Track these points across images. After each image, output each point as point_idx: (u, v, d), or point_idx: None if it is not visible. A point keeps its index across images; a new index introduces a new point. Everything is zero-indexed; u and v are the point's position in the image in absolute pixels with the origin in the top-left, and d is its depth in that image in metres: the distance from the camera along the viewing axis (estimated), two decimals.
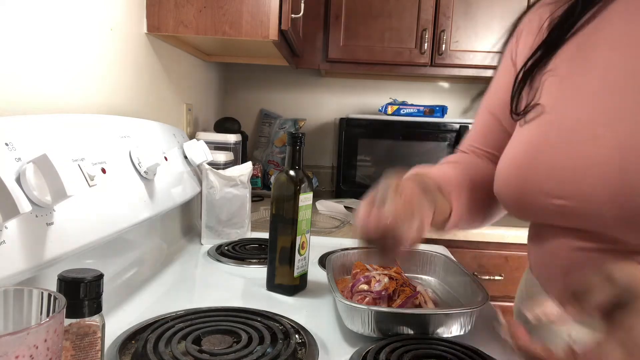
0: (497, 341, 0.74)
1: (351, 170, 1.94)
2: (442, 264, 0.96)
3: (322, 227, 1.47)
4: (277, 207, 0.86)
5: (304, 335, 0.69)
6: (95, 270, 0.51)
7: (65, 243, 0.63)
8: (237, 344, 0.64)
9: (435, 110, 1.99)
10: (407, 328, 0.70)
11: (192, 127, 1.69)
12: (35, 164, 0.57)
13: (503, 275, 1.69)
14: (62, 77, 0.86)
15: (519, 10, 1.84)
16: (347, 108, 2.25)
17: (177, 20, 1.21)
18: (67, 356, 0.49)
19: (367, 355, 0.64)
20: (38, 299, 0.43)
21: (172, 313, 0.73)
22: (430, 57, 1.87)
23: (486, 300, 0.73)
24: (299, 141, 0.86)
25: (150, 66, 1.27)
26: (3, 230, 0.53)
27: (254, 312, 0.74)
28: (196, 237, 1.22)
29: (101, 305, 0.51)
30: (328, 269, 0.84)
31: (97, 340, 0.51)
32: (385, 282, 0.79)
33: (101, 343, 0.52)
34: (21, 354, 0.35)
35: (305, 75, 2.26)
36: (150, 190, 0.91)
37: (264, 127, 2.25)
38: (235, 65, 2.22)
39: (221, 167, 1.27)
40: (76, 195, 0.66)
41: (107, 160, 0.78)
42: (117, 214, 0.77)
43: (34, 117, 0.66)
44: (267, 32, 1.21)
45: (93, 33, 0.96)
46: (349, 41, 1.88)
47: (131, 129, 0.92)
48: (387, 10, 1.86)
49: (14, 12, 0.73)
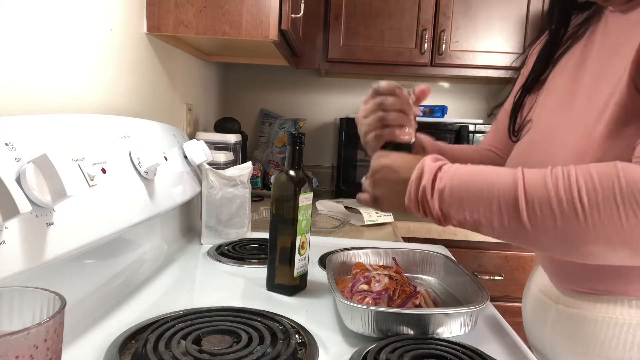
0: (497, 341, 0.74)
1: (351, 170, 1.94)
2: (442, 264, 0.96)
3: (322, 227, 1.47)
4: (277, 207, 0.86)
5: (304, 335, 0.69)
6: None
7: (65, 243, 0.63)
8: (237, 344, 0.64)
9: (435, 110, 1.99)
10: (407, 328, 0.70)
11: (192, 127, 1.69)
12: (35, 164, 0.57)
13: (503, 275, 1.69)
14: (62, 77, 0.86)
15: (519, 10, 1.86)
16: (347, 108, 2.25)
17: (177, 20, 1.21)
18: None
19: (367, 355, 0.64)
20: (38, 299, 0.43)
21: (172, 313, 0.73)
22: (430, 57, 1.87)
23: (486, 300, 0.73)
24: (299, 141, 0.86)
25: (150, 66, 1.27)
26: (3, 230, 0.53)
27: (254, 312, 0.74)
28: (196, 237, 1.22)
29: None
30: (328, 269, 0.84)
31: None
32: (385, 282, 0.79)
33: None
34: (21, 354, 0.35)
35: (305, 75, 2.26)
36: (150, 190, 0.91)
37: (264, 127, 2.25)
38: (235, 65, 2.22)
39: (221, 167, 1.27)
40: (76, 195, 0.66)
41: (107, 160, 0.78)
42: (117, 214, 0.77)
43: (34, 117, 0.66)
44: (267, 32, 1.21)
45: (93, 33, 0.96)
46: (349, 41, 1.88)
47: (131, 129, 0.92)
48: (387, 10, 1.86)
49: (14, 13, 0.73)
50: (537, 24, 1.85)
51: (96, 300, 0.77)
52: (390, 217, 1.61)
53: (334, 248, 1.08)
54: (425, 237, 1.64)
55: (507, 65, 1.87)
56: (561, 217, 0.53)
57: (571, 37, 0.76)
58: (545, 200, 0.54)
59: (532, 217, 0.55)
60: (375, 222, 1.57)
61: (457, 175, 0.62)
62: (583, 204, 0.52)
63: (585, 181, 0.52)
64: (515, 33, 1.86)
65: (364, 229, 1.54)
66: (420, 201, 0.64)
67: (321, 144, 2.29)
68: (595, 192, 0.51)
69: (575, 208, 0.52)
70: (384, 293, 0.77)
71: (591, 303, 0.68)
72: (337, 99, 2.28)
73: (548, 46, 0.79)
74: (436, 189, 0.62)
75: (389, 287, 0.78)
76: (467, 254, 1.67)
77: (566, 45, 0.76)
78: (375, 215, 1.58)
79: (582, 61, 0.72)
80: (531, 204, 0.55)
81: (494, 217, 0.58)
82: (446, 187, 0.61)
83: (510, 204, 0.56)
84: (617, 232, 0.51)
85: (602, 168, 0.53)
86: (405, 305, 0.76)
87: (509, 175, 0.57)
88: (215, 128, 1.77)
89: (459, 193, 0.60)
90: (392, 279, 0.80)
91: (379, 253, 0.97)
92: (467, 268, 0.89)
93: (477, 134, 1.88)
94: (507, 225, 0.57)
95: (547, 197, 0.54)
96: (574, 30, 0.77)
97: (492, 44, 1.87)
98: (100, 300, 0.78)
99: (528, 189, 0.55)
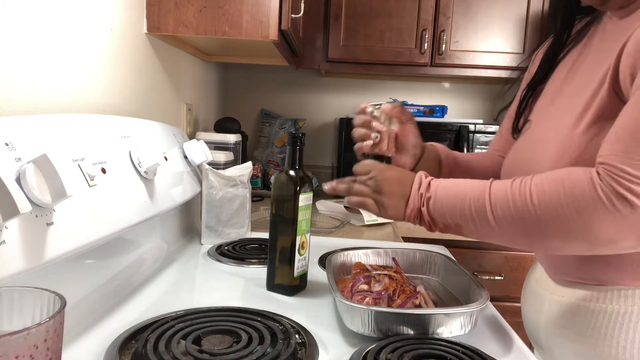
0: (497, 341, 0.74)
1: (351, 171, 1.94)
2: (442, 264, 0.96)
3: (322, 227, 1.47)
4: (277, 207, 0.86)
5: (304, 335, 0.69)
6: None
7: (65, 243, 0.63)
8: (237, 344, 0.64)
9: (435, 110, 1.99)
10: (407, 328, 0.70)
11: (192, 127, 1.69)
12: (35, 164, 0.57)
13: (503, 275, 1.69)
14: (62, 77, 0.86)
15: (519, 10, 1.86)
16: (347, 108, 2.25)
17: (177, 20, 1.21)
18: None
19: (367, 355, 0.64)
20: (38, 299, 0.43)
21: (172, 313, 0.73)
22: (430, 57, 1.87)
23: (486, 300, 0.73)
24: (299, 141, 0.86)
25: (150, 66, 1.27)
26: (3, 230, 0.53)
27: (254, 312, 0.74)
28: (196, 237, 1.22)
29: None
30: (328, 269, 0.84)
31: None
32: (385, 282, 0.79)
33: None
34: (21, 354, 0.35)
35: (305, 75, 2.26)
36: (150, 190, 0.91)
37: (264, 127, 2.25)
38: (235, 65, 2.22)
39: (221, 167, 1.27)
40: (76, 195, 0.66)
41: (107, 160, 0.78)
42: (117, 214, 0.77)
43: (34, 117, 0.66)
44: (267, 32, 1.21)
45: (93, 33, 0.96)
46: (348, 41, 1.88)
47: (131, 129, 0.92)
48: (387, 10, 1.86)
49: (15, 13, 0.73)
50: (537, 24, 1.85)
51: (96, 300, 0.77)
52: None
53: (334, 248, 1.08)
54: (425, 237, 1.64)
55: (507, 65, 1.87)
56: (518, 216, 0.63)
57: (572, 41, 0.79)
58: (505, 204, 0.64)
59: (497, 218, 0.65)
60: (375, 222, 1.57)
61: (441, 187, 0.72)
62: (534, 205, 0.62)
63: (536, 185, 0.62)
64: (515, 33, 1.86)
65: (364, 229, 1.54)
66: (417, 210, 0.73)
67: (321, 144, 2.29)
68: (543, 194, 0.61)
69: (528, 208, 0.62)
70: (384, 293, 0.77)
71: (582, 292, 0.72)
72: (337, 99, 2.28)
73: (551, 49, 0.82)
74: (425, 198, 0.72)
75: (389, 287, 0.78)
76: (467, 254, 1.67)
77: (567, 49, 0.80)
78: (375, 215, 1.58)
79: (577, 65, 0.75)
80: (494, 207, 0.65)
81: (469, 220, 0.68)
82: (431, 197, 0.71)
83: (480, 209, 0.66)
84: (566, 226, 0.60)
85: (552, 174, 0.62)
86: (405, 305, 0.76)
87: (481, 186, 0.68)
88: (215, 128, 1.77)
89: (441, 202, 0.71)
90: (392, 279, 0.80)
91: (379, 253, 0.97)
92: (467, 268, 0.89)
93: (477, 134, 1.88)
94: (480, 226, 0.67)
95: (506, 201, 0.64)
96: (576, 35, 0.79)
97: (492, 44, 1.87)
98: (100, 300, 0.78)
99: (492, 197, 0.66)
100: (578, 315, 0.72)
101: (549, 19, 0.84)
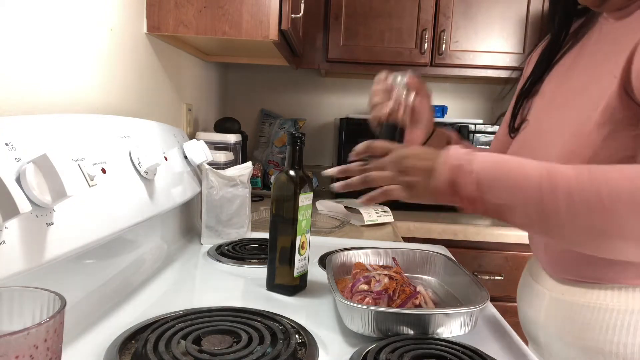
0: (497, 341, 0.74)
1: None
2: (442, 264, 0.96)
3: (322, 227, 1.47)
4: (277, 207, 0.86)
5: (304, 335, 0.69)
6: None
7: (65, 243, 0.63)
8: (237, 344, 0.64)
9: (435, 110, 1.99)
10: (407, 328, 0.70)
11: (192, 127, 1.69)
12: (35, 164, 0.57)
13: (503, 275, 1.69)
14: (62, 77, 0.86)
15: (519, 10, 1.86)
16: (347, 108, 2.25)
17: (177, 20, 1.21)
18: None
19: (367, 355, 0.64)
20: (38, 299, 0.43)
21: (172, 313, 0.73)
22: (430, 57, 1.87)
23: (486, 300, 0.73)
24: (299, 141, 0.86)
25: (150, 66, 1.27)
26: (3, 230, 0.53)
27: (254, 312, 0.74)
28: (196, 237, 1.22)
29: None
30: (328, 269, 0.84)
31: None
32: (385, 282, 0.79)
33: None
34: (21, 354, 0.35)
35: (305, 75, 2.26)
36: (150, 190, 0.91)
37: (264, 127, 2.25)
38: (235, 65, 2.22)
39: (221, 167, 1.27)
40: (76, 195, 0.66)
41: (107, 160, 0.78)
42: (117, 214, 0.77)
43: (34, 117, 0.66)
44: (267, 32, 1.21)
45: (93, 33, 0.96)
46: (348, 41, 1.88)
47: (131, 129, 0.92)
48: (387, 10, 1.86)
49: (15, 13, 0.73)
50: (537, 24, 1.85)
51: (96, 300, 0.77)
52: (390, 217, 1.61)
53: (334, 248, 1.08)
54: (425, 237, 1.64)
55: (507, 65, 1.87)
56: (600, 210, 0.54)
57: (569, 42, 0.80)
58: (584, 194, 0.55)
59: (571, 207, 0.55)
60: (375, 222, 1.57)
61: (490, 160, 0.63)
62: (611, 199, 0.53)
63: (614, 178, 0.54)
64: (515, 33, 1.86)
65: (364, 229, 1.54)
66: (452, 183, 0.64)
67: (321, 144, 2.29)
68: (617, 191, 0.53)
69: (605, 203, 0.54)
70: (384, 293, 0.77)
71: (583, 290, 0.72)
72: (337, 99, 2.28)
73: (548, 50, 0.82)
74: (472, 170, 0.62)
75: (389, 287, 0.78)
76: (467, 254, 1.67)
77: (564, 50, 0.80)
78: (375, 215, 1.58)
79: (574, 66, 0.75)
80: (572, 195, 0.55)
81: (531, 204, 0.58)
82: (473, 172, 0.62)
83: (547, 194, 0.57)
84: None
85: (627, 170, 0.54)
86: (405, 305, 0.76)
87: (537, 164, 0.60)
88: (215, 128, 1.77)
89: (494, 175, 0.61)
90: (392, 279, 0.80)
91: (379, 253, 0.97)
92: (467, 268, 0.89)
93: (477, 134, 1.88)
94: (542, 213, 0.58)
95: (586, 190, 0.55)
96: (572, 35, 0.80)
97: (492, 44, 1.87)
98: (100, 300, 0.78)
99: (572, 183, 0.56)
100: (579, 313, 0.72)
101: (548, 19, 0.85)
